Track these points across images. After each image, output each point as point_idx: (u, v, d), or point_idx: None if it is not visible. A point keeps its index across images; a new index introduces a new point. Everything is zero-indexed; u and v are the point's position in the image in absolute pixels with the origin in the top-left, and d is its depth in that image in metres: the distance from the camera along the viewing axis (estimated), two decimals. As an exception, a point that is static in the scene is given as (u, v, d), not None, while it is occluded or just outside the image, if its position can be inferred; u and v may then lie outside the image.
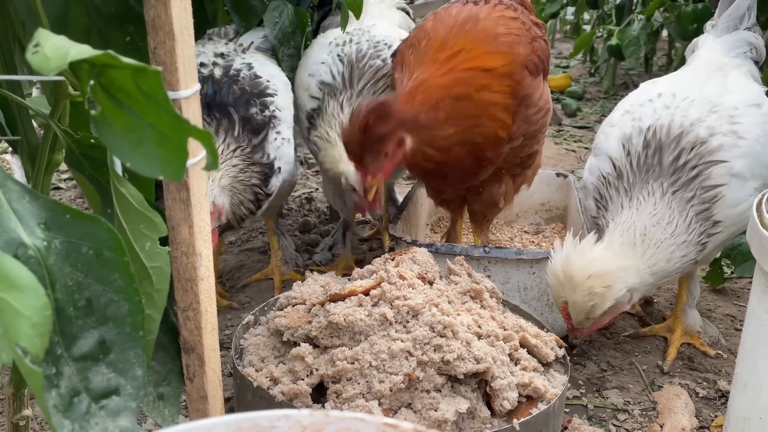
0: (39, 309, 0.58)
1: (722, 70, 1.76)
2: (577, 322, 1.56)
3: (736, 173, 1.55)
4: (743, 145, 1.57)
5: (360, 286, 1.30)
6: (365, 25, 2.09)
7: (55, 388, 0.67)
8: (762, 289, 1.24)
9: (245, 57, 1.93)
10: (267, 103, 1.83)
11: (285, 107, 1.90)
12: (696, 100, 1.66)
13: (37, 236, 0.66)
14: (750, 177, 1.57)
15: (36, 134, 1.10)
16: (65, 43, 0.58)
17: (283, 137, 1.85)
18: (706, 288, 2.26)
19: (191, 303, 0.92)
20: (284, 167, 1.86)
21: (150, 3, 0.76)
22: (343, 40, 2.04)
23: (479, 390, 1.23)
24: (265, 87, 1.86)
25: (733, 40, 1.86)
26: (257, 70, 1.88)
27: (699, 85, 1.71)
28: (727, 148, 1.56)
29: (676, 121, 1.63)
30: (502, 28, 1.69)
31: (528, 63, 1.69)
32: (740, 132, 1.58)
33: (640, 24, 4.68)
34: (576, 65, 6.86)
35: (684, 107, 1.65)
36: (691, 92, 1.69)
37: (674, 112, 1.65)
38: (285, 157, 1.86)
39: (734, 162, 1.55)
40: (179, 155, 0.61)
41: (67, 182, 3.25)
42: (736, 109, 1.62)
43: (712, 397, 1.69)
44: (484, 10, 1.73)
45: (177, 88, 0.80)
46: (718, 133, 1.58)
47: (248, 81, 1.83)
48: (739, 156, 1.56)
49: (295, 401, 1.17)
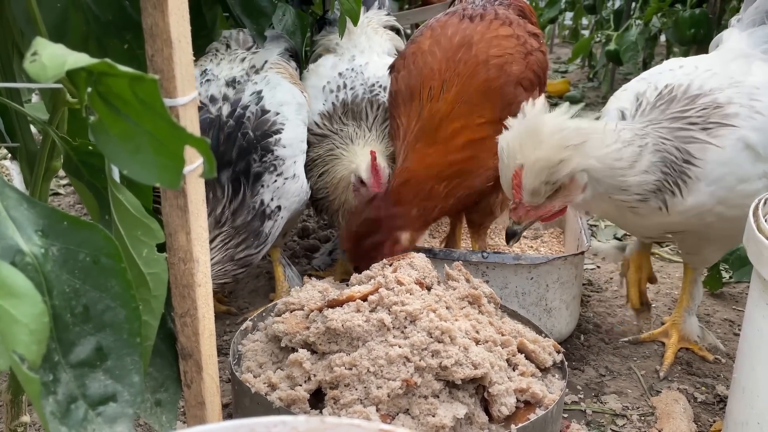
0: (36, 316, 0.58)
1: (747, 57, 1.70)
2: (529, 191, 1.40)
3: (751, 144, 1.47)
4: (760, 120, 1.49)
5: (358, 291, 1.30)
6: (357, 64, 2.08)
7: (52, 395, 0.67)
8: (759, 294, 1.24)
9: (257, 83, 1.86)
10: (269, 146, 1.76)
11: (293, 139, 1.83)
12: (718, 73, 1.60)
13: (34, 243, 0.67)
14: (763, 155, 1.48)
15: (35, 141, 1.11)
16: (63, 51, 0.59)
17: (285, 177, 1.79)
18: (704, 293, 2.26)
19: (188, 309, 0.92)
20: (286, 203, 1.80)
21: (148, 11, 0.77)
22: (336, 85, 2.02)
23: (477, 395, 1.23)
24: (272, 124, 1.79)
25: (761, 34, 1.78)
26: (266, 102, 1.81)
27: (723, 64, 1.66)
28: (744, 117, 1.49)
29: (695, 84, 1.56)
30: (494, 50, 1.72)
31: (522, 80, 1.73)
32: (759, 108, 1.51)
33: (638, 29, 4.70)
34: (574, 70, 6.88)
35: (705, 76, 1.59)
36: (715, 67, 1.63)
37: (694, 78, 1.58)
38: (287, 194, 1.80)
39: (749, 132, 1.47)
40: (176, 162, 0.62)
41: (66, 188, 3.26)
42: (757, 89, 1.55)
43: (711, 402, 1.69)
44: (479, 32, 1.75)
45: (174, 95, 0.80)
46: (736, 103, 1.51)
47: (254, 121, 1.77)
48: (755, 128, 1.48)
49: (293, 407, 1.18)
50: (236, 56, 1.97)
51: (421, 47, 1.78)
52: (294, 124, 1.86)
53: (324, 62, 2.14)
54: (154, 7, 0.77)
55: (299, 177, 1.85)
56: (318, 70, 2.11)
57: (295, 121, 1.87)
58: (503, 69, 1.71)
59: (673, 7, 4.51)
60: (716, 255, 1.78)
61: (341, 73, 2.05)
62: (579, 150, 1.38)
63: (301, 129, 1.90)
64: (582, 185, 1.43)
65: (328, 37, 2.27)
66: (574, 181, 1.41)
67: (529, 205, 1.45)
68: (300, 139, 1.88)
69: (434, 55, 1.73)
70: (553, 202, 1.45)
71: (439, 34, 1.78)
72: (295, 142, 1.84)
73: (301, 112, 1.92)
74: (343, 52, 2.17)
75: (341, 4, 1.86)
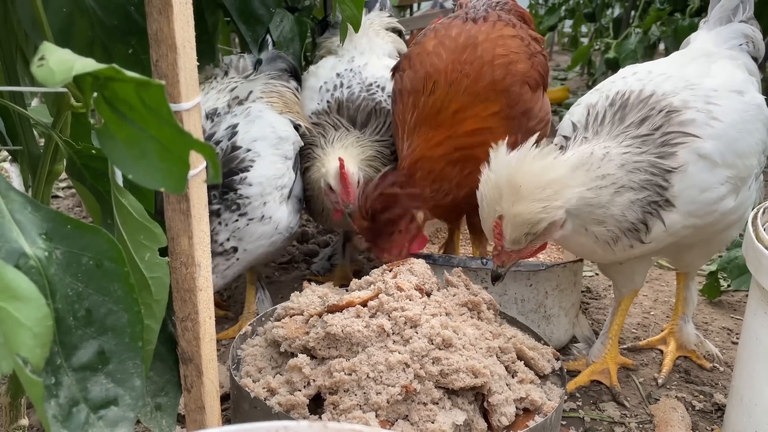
0: (40, 319, 0.58)
1: (710, 57, 1.65)
2: (511, 240, 1.39)
3: (705, 154, 1.42)
4: (717, 127, 1.44)
5: (358, 297, 1.31)
6: (356, 65, 2.07)
7: (54, 398, 0.67)
8: (757, 303, 1.25)
9: (236, 115, 1.77)
10: (233, 184, 1.68)
11: (264, 177, 1.72)
12: (673, 76, 1.55)
13: (38, 246, 0.67)
14: (721, 163, 1.44)
15: (37, 144, 1.11)
16: (70, 56, 0.59)
17: (250, 218, 1.70)
18: (702, 301, 2.26)
19: (190, 313, 0.92)
20: (248, 246, 1.72)
21: (153, 17, 0.77)
22: (333, 85, 2.00)
23: (476, 402, 1.23)
24: (240, 162, 1.69)
25: (727, 31, 1.74)
26: (239, 138, 1.72)
27: (679, 67, 1.61)
28: (700, 124, 1.44)
29: (648, 89, 1.51)
30: (500, 50, 1.72)
31: (528, 79, 1.73)
32: (715, 113, 1.46)
33: (637, 37, 4.72)
34: (574, 77, 6.90)
35: (659, 81, 1.54)
36: (669, 71, 1.58)
37: (647, 82, 1.54)
38: (250, 236, 1.71)
39: (705, 141, 1.42)
40: (181, 167, 0.62)
41: (65, 191, 3.26)
42: (714, 91, 1.50)
43: (709, 410, 1.69)
44: (483, 31, 1.75)
45: (179, 100, 0.81)
46: (692, 108, 1.45)
47: (222, 158, 1.68)
48: (711, 137, 1.43)
49: (292, 412, 1.18)
50: (227, 86, 1.90)
51: (426, 48, 1.78)
52: (268, 161, 1.74)
53: (324, 64, 2.13)
54: (159, 13, 0.77)
55: (272, 219, 1.75)
56: (317, 71, 2.10)
57: (270, 157, 1.75)
58: (509, 68, 1.70)
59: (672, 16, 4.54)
60: (701, 260, 1.76)
61: (339, 74, 2.04)
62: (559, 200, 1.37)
63: (278, 165, 1.77)
64: (559, 224, 1.42)
65: (331, 39, 2.27)
66: (553, 224, 1.41)
67: (511, 251, 1.45)
68: (276, 176, 1.76)
69: (439, 56, 1.73)
70: (534, 243, 1.45)
71: (443, 35, 1.78)
72: (267, 180, 1.73)
73: (282, 146, 1.79)
74: (344, 53, 2.16)
75: (343, 11, 1.87)
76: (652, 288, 2.37)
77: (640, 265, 1.70)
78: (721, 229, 1.54)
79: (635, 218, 1.44)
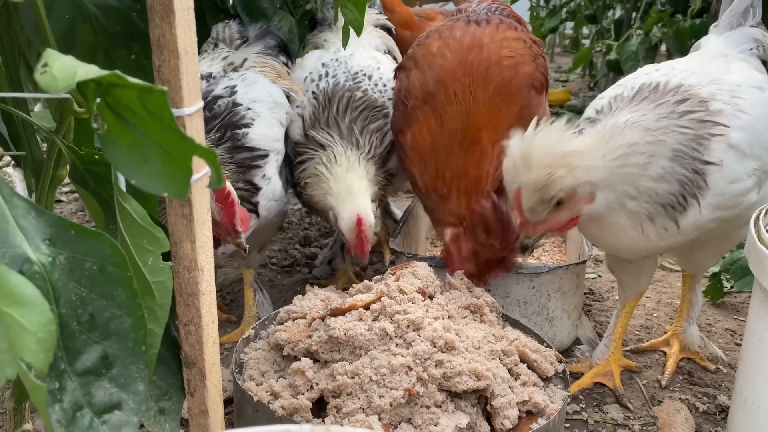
0: (44, 324, 0.59)
1: (726, 57, 1.68)
2: (528, 207, 1.42)
3: (734, 144, 1.44)
4: (744, 119, 1.46)
5: (360, 300, 1.31)
6: (341, 55, 2.04)
7: (58, 403, 0.67)
8: (760, 304, 1.25)
9: (233, 78, 1.81)
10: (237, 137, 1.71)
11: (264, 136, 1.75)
12: (696, 72, 1.57)
13: (42, 252, 0.67)
14: (749, 154, 1.45)
15: (40, 149, 1.12)
16: (73, 63, 0.59)
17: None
18: (706, 302, 2.26)
19: (192, 318, 0.93)
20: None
21: (155, 22, 0.78)
22: (318, 74, 1.97)
23: (479, 405, 1.23)
24: (241, 117, 1.73)
25: (738, 36, 1.77)
26: (239, 96, 1.76)
27: (701, 64, 1.63)
28: (728, 115, 1.45)
29: (674, 81, 1.53)
30: (506, 51, 1.71)
31: (534, 81, 1.72)
32: (741, 106, 1.48)
33: (638, 39, 4.72)
34: (575, 79, 6.90)
35: (683, 75, 1.55)
36: (692, 67, 1.60)
37: (671, 77, 1.55)
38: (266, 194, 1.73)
39: (734, 131, 1.44)
40: (184, 173, 0.62)
41: (68, 195, 3.27)
42: (738, 86, 1.52)
43: (712, 412, 1.69)
44: (488, 33, 1.75)
45: (181, 105, 0.81)
46: (719, 99, 1.47)
47: (224, 110, 1.72)
48: (739, 127, 1.45)
49: (296, 416, 1.18)
50: (219, 55, 1.93)
51: (430, 49, 1.77)
52: (266, 122, 1.78)
53: (310, 56, 2.11)
54: (162, 19, 0.78)
55: (271, 180, 1.76)
56: (303, 63, 2.08)
57: (268, 119, 1.79)
58: (517, 70, 1.70)
59: (673, 17, 4.54)
60: (711, 259, 1.76)
61: (324, 63, 2.00)
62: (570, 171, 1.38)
63: (275, 129, 1.82)
64: (586, 197, 1.43)
65: (319, 35, 2.27)
66: (574, 196, 1.41)
67: (534, 221, 1.46)
68: (273, 138, 1.79)
69: (444, 57, 1.73)
70: (560, 215, 1.45)
71: (447, 37, 1.78)
72: (266, 140, 1.76)
73: (277, 111, 1.84)
74: (329, 46, 2.15)
75: (344, 15, 1.87)
76: (655, 290, 2.37)
77: (648, 265, 1.71)
78: (740, 225, 1.54)
79: (674, 190, 1.43)
